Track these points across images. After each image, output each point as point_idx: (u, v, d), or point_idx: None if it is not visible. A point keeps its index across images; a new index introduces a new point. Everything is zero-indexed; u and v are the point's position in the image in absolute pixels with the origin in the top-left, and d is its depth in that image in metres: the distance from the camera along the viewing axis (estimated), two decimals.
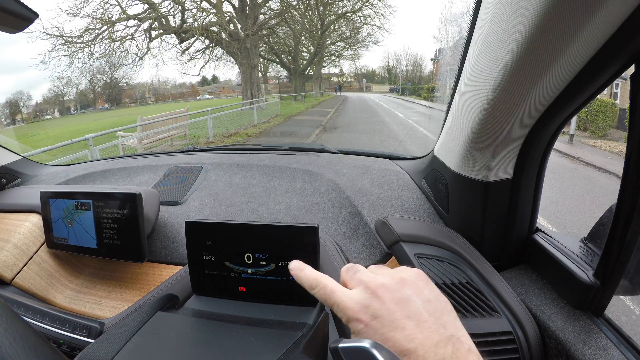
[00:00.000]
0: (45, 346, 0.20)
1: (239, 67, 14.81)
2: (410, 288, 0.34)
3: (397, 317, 0.31)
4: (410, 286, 0.34)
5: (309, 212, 0.79)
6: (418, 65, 48.40)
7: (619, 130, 7.06)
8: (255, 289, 0.51)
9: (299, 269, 0.40)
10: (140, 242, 0.68)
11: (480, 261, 0.57)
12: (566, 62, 0.37)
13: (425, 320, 0.31)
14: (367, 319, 0.32)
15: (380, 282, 0.34)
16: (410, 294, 0.33)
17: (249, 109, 11.41)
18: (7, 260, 0.72)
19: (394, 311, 0.32)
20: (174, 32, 13.40)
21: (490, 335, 0.48)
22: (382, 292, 0.33)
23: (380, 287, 0.34)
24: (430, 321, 0.31)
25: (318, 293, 0.37)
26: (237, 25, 14.48)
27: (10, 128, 22.34)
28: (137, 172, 1.06)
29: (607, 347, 0.43)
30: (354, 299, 0.34)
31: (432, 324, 0.31)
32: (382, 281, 0.34)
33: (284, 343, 0.39)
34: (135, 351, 0.39)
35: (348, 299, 0.34)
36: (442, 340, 0.30)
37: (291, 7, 16.75)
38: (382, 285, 0.34)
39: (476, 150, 0.54)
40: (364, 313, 0.32)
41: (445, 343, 0.30)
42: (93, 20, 11.96)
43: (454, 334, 0.31)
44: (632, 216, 0.40)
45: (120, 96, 37.35)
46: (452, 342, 0.30)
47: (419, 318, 0.31)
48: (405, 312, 0.32)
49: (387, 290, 0.33)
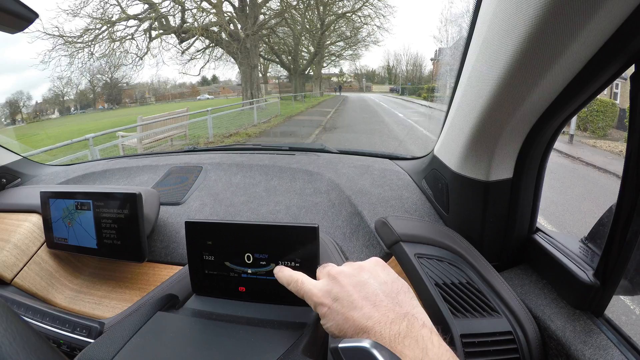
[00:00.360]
0: (45, 346, 0.20)
1: (239, 67, 14.81)
2: (368, 273, 0.38)
3: (355, 298, 0.35)
4: (367, 271, 0.38)
5: (309, 212, 0.79)
6: (418, 65, 48.43)
7: (619, 130, 7.06)
8: (255, 289, 0.51)
9: (279, 270, 0.45)
10: (140, 242, 0.68)
11: (480, 261, 0.57)
12: (566, 62, 0.37)
13: (382, 300, 0.35)
14: (329, 302, 0.36)
15: (341, 270, 0.39)
16: (367, 277, 0.37)
17: (249, 109, 11.41)
18: (7, 260, 0.72)
19: (352, 293, 0.36)
20: (174, 32, 13.39)
21: (490, 335, 0.48)
22: (341, 278, 0.38)
23: (339, 274, 0.38)
24: (386, 301, 0.35)
25: (293, 287, 0.41)
26: (237, 25, 14.48)
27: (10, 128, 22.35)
28: (137, 172, 1.06)
29: (607, 347, 0.43)
30: (317, 287, 0.39)
31: (388, 303, 0.34)
32: (342, 269, 0.39)
33: (284, 343, 0.39)
34: (135, 351, 0.39)
35: (313, 287, 0.39)
36: (398, 317, 0.33)
37: (291, 7, 16.75)
38: (342, 272, 0.39)
39: (476, 150, 0.54)
40: (326, 297, 0.37)
41: (400, 320, 0.33)
42: (93, 20, 11.96)
43: (409, 311, 0.34)
44: (632, 216, 0.40)
45: (120, 96, 37.34)
46: (407, 318, 0.33)
47: (375, 298, 0.35)
48: (362, 294, 0.35)
49: (345, 276, 0.38)
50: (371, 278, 0.37)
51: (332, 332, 0.36)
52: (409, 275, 0.58)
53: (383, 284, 0.37)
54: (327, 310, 0.36)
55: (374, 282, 0.37)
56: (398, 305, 0.35)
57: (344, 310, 0.35)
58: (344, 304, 0.35)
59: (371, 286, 0.36)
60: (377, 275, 0.38)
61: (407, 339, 0.31)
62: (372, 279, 0.37)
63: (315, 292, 0.38)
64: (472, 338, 0.48)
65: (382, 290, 0.36)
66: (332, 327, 0.36)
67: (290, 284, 0.42)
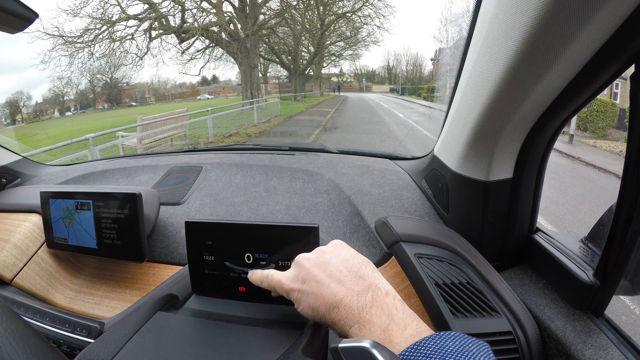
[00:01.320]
0: (45, 346, 0.20)
1: (239, 67, 14.81)
2: (329, 253, 0.40)
3: (320, 277, 0.37)
4: (328, 252, 0.41)
5: (309, 212, 0.79)
6: (418, 65, 48.44)
7: (619, 130, 7.05)
8: (255, 289, 0.50)
9: (251, 273, 0.47)
10: (140, 242, 0.68)
11: (480, 261, 0.57)
12: (566, 62, 0.37)
13: (345, 275, 0.37)
14: (298, 286, 0.39)
15: (303, 255, 0.42)
16: (330, 257, 0.40)
17: (249, 109, 11.41)
18: (7, 260, 0.72)
19: (317, 273, 0.38)
20: (174, 32, 13.39)
21: (490, 335, 0.48)
22: (305, 262, 0.40)
23: (303, 259, 0.41)
24: (350, 275, 0.37)
25: (266, 284, 0.44)
26: (237, 25, 14.47)
27: (10, 128, 22.34)
28: (137, 172, 1.06)
29: (607, 347, 0.43)
30: (285, 276, 0.41)
31: (351, 278, 0.37)
32: (305, 255, 0.42)
33: (284, 343, 0.39)
34: (135, 351, 0.39)
35: (282, 276, 0.41)
36: (363, 289, 0.35)
37: (291, 7, 16.75)
38: (305, 257, 0.41)
39: (476, 150, 0.54)
40: (295, 282, 0.39)
41: (365, 291, 0.35)
42: (93, 20, 11.96)
43: (372, 282, 0.36)
44: (632, 216, 0.40)
45: (120, 96, 37.32)
46: (371, 289, 0.35)
47: (339, 275, 0.37)
48: (327, 272, 0.38)
49: (309, 260, 0.40)
50: (333, 257, 0.40)
51: (306, 314, 0.38)
52: (409, 275, 0.58)
53: (345, 261, 0.39)
54: (298, 294, 0.38)
55: (336, 261, 0.39)
56: (361, 278, 0.37)
57: (312, 290, 0.37)
58: (312, 285, 0.37)
59: (334, 264, 0.38)
60: (338, 254, 0.40)
61: (374, 308, 0.33)
62: (334, 258, 0.39)
63: (284, 281, 0.41)
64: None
65: (345, 266, 0.38)
66: (305, 308, 0.38)
67: (263, 281, 0.44)
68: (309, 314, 0.38)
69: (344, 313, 0.34)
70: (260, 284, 0.45)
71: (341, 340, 0.29)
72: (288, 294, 0.40)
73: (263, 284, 0.44)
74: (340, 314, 0.34)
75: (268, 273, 0.44)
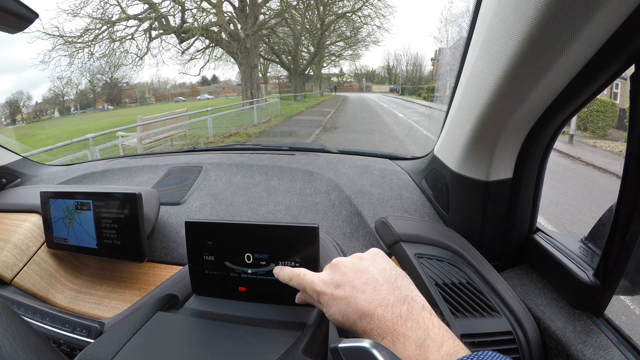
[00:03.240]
0: (45, 346, 0.20)
1: (239, 67, 14.81)
2: (367, 261, 0.40)
3: (356, 283, 0.36)
4: (366, 260, 0.40)
5: (309, 212, 0.79)
6: (418, 65, 48.39)
7: (619, 130, 7.05)
8: (255, 289, 0.51)
9: (279, 269, 0.46)
10: (140, 242, 0.68)
11: (480, 261, 0.57)
12: (566, 62, 0.37)
13: (382, 284, 0.36)
14: (331, 289, 0.37)
15: (341, 259, 0.41)
16: (367, 265, 0.39)
17: (249, 109, 11.41)
18: (7, 260, 0.72)
19: (353, 279, 0.37)
20: (174, 32, 13.39)
21: (490, 335, 0.48)
22: (342, 266, 0.39)
23: (340, 263, 0.40)
24: (386, 285, 0.36)
25: (295, 282, 0.42)
26: (237, 25, 14.47)
27: (10, 128, 22.33)
28: (137, 172, 1.06)
29: (607, 347, 0.43)
30: (319, 277, 0.40)
31: (388, 287, 0.36)
32: (342, 259, 0.41)
33: (284, 343, 0.39)
34: (135, 351, 0.39)
35: (315, 277, 0.40)
36: (398, 300, 0.34)
37: (291, 7, 16.75)
38: (342, 261, 0.40)
39: (476, 150, 0.54)
40: (328, 285, 0.38)
41: (401, 303, 0.34)
42: (93, 20, 11.96)
43: (408, 294, 0.35)
44: (632, 216, 0.40)
45: (120, 96, 37.32)
46: (407, 301, 0.34)
47: (375, 283, 0.36)
48: (363, 279, 0.37)
49: (346, 265, 0.39)
50: (371, 266, 0.39)
51: (335, 319, 0.36)
52: (409, 275, 0.57)
53: (382, 271, 0.38)
54: (329, 298, 0.37)
55: (373, 269, 0.38)
56: (397, 289, 0.36)
57: (346, 295, 0.36)
58: (346, 290, 0.36)
59: (371, 272, 0.37)
60: (376, 263, 0.39)
61: (409, 321, 0.32)
62: (372, 267, 0.39)
63: (317, 282, 0.39)
64: (472, 338, 0.48)
65: (382, 275, 0.37)
66: (335, 313, 0.36)
67: (292, 279, 0.43)
68: (338, 319, 0.36)
69: (377, 323, 0.33)
70: (288, 281, 0.43)
71: (341, 340, 0.29)
72: (318, 297, 0.38)
73: (292, 281, 0.43)
74: (373, 323, 0.33)
75: (299, 272, 0.42)
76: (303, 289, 0.41)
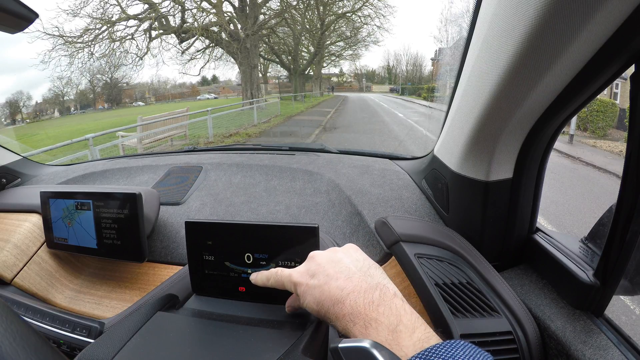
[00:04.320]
0: (45, 346, 0.20)
1: (239, 67, 14.80)
2: (341, 252, 0.41)
3: (330, 272, 0.38)
4: (340, 252, 0.42)
5: (309, 212, 0.79)
6: (418, 65, 48.39)
7: (619, 130, 7.05)
8: (255, 289, 0.51)
9: (255, 275, 0.47)
10: (140, 242, 0.68)
11: (480, 261, 0.57)
12: (566, 62, 0.37)
13: (354, 272, 0.37)
14: (306, 279, 0.39)
15: (316, 252, 0.42)
16: (341, 256, 0.41)
17: (249, 109, 11.41)
18: (7, 260, 0.72)
19: (327, 268, 0.38)
20: (174, 32, 13.38)
21: (490, 335, 0.48)
22: (317, 258, 0.41)
23: (316, 255, 0.42)
24: (359, 274, 0.37)
25: (273, 280, 0.44)
26: (237, 25, 14.47)
27: (10, 128, 22.33)
28: (137, 172, 1.06)
29: (607, 347, 0.43)
30: (296, 270, 0.42)
31: (360, 276, 0.37)
32: (318, 252, 0.42)
33: (284, 343, 0.39)
34: (135, 351, 0.39)
35: (293, 271, 0.42)
36: (370, 287, 0.35)
37: (291, 7, 16.74)
38: (317, 253, 0.42)
39: (476, 150, 0.54)
40: (304, 276, 0.40)
41: (373, 289, 0.35)
42: (93, 20, 11.95)
43: (380, 282, 0.36)
44: (632, 216, 0.40)
45: (120, 96, 37.29)
46: (379, 288, 0.35)
47: (348, 272, 0.38)
48: (337, 269, 0.38)
49: (321, 256, 0.41)
50: (345, 257, 0.40)
51: (311, 308, 0.38)
52: (409, 275, 0.58)
53: (355, 261, 0.40)
54: (304, 288, 0.39)
55: (347, 259, 0.40)
56: (370, 277, 0.37)
57: (320, 283, 0.37)
58: (320, 278, 0.38)
59: (344, 262, 0.39)
60: (349, 254, 0.41)
61: (381, 307, 0.33)
62: (345, 257, 0.40)
63: (293, 274, 0.41)
64: (472, 338, 0.48)
65: (355, 265, 0.39)
66: (310, 302, 0.38)
67: (270, 279, 0.44)
68: (314, 308, 0.37)
69: (349, 309, 0.34)
70: (266, 283, 0.44)
71: (341, 340, 0.29)
72: (295, 288, 0.40)
73: (270, 281, 0.44)
74: (345, 309, 0.34)
75: (276, 270, 0.44)
76: (282, 285, 0.43)
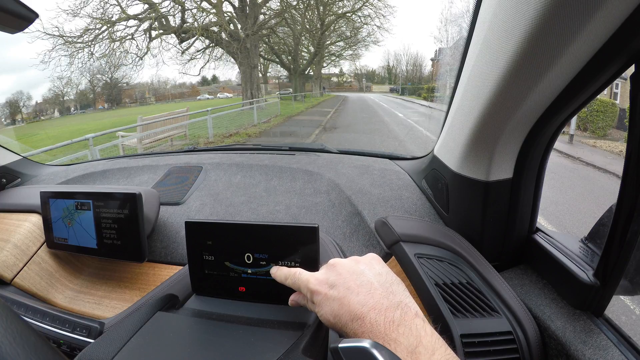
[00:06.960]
0: (45, 346, 0.20)
1: (239, 67, 14.80)
2: (363, 264, 0.40)
3: (351, 285, 0.36)
4: (363, 263, 0.40)
5: (309, 212, 0.79)
6: (418, 65, 48.38)
7: (619, 130, 7.05)
8: (255, 289, 0.51)
9: (276, 269, 0.46)
10: (140, 242, 0.68)
11: (480, 261, 0.57)
12: (566, 62, 0.37)
13: (376, 288, 0.36)
14: (325, 289, 0.37)
15: (338, 260, 0.41)
16: (364, 268, 0.39)
17: (249, 109, 11.41)
18: (7, 260, 0.72)
19: (349, 280, 0.37)
20: (174, 32, 13.38)
21: (490, 335, 0.48)
22: (338, 267, 0.39)
23: (336, 264, 0.40)
24: (381, 289, 0.36)
25: (290, 281, 0.42)
26: (237, 25, 14.47)
27: (10, 128, 22.32)
28: (137, 172, 1.06)
29: (607, 347, 0.43)
30: (314, 276, 0.40)
31: (382, 292, 0.35)
32: (339, 260, 0.41)
33: (284, 343, 0.39)
34: (135, 351, 0.39)
35: (311, 276, 0.40)
36: (392, 305, 0.34)
37: (291, 7, 16.74)
38: (339, 262, 0.40)
39: (476, 150, 0.54)
40: (322, 285, 0.38)
41: (394, 308, 0.34)
42: (93, 20, 11.95)
43: (402, 300, 0.35)
44: (632, 216, 0.40)
45: (120, 96, 37.29)
46: (400, 307, 0.34)
47: (370, 287, 0.36)
48: (358, 282, 0.37)
49: (343, 266, 0.39)
50: (367, 269, 0.39)
51: (327, 320, 0.36)
52: (409, 275, 0.58)
53: (378, 275, 0.38)
54: (322, 298, 0.37)
55: (369, 272, 0.38)
56: (392, 294, 0.36)
57: (339, 295, 0.36)
58: (340, 290, 0.36)
59: (366, 275, 0.37)
60: (372, 267, 0.39)
61: (401, 327, 0.32)
62: (368, 270, 0.39)
63: (312, 281, 0.39)
64: (472, 338, 0.48)
65: (377, 280, 0.37)
66: (327, 313, 0.36)
67: (288, 278, 0.43)
68: (330, 320, 0.36)
69: (368, 327, 0.32)
70: (284, 280, 0.44)
71: (341, 340, 0.29)
72: (312, 296, 0.38)
73: (288, 281, 0.43)
74: (365, 326, 0.33)
75: (295, 271, 0.43)
76: (298, 288, 0.41)
